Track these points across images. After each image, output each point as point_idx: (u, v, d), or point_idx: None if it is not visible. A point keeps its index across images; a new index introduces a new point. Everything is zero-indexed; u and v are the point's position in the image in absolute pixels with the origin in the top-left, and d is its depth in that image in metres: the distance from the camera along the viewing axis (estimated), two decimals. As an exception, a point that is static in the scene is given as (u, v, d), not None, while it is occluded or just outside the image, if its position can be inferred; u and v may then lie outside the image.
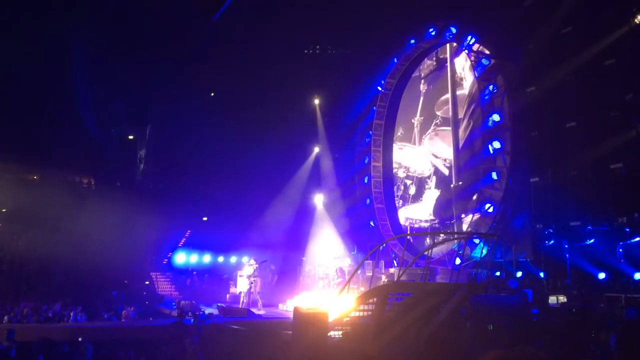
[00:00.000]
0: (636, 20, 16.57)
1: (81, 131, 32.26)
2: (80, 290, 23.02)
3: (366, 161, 28.03)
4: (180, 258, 30.14)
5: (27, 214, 27.07)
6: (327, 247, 26.57)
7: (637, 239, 15.68)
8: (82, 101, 31.48)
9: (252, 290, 21.87)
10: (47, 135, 30.20)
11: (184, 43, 29.41)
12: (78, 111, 31.66)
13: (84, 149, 32.68)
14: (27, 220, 27.47)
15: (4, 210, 28.96)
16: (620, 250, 15.78)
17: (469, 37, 21.86)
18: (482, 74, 21.14)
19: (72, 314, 19.46)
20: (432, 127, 25.91)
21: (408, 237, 22.19)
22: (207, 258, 30.31)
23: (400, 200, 27.33)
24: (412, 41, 25.50)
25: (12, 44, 27.12)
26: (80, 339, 11.93)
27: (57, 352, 10.94)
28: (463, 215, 22.86)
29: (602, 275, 16.40)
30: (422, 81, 26.93)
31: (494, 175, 20.21)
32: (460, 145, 23.76)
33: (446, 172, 24.73)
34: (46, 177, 31.97)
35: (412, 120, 27.20)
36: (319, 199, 29.64)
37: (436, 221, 24.87)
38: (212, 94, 33.68)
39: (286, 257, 27.59)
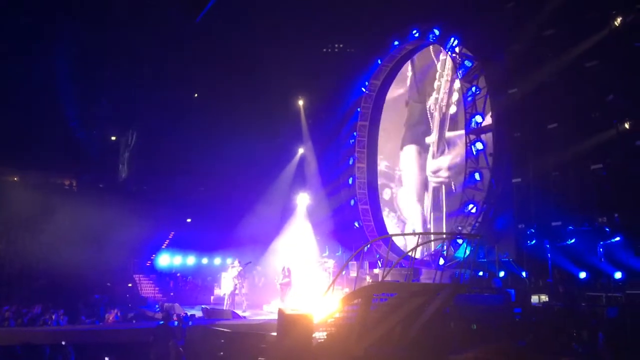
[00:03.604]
0: (616, 23, 16.80)
1: (63, 132, 31.98)
2: (62, 293, 22.78)
3: (350, 162, 28.08)
4: (164, 260, 29.95)
5: (8, 215, 26.76)
6: (308, 248, 26.52)
7: (617, 238, 15.90)
8: (64, 102, 31.20)
9: (236, 292, 21.79)
10: (28, 135, 29.86)
11: (167, 44, 29.27)
12: (60, 112, 31.37)
13: (65, 150, 32.36)
14: (8, 222, 27.16)
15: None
16: (601, 249, 15.99)
17: (452, 39, 22.01)
18: (465, 75, 21.30)
19: (53, 317, 19.26)
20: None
21: (392, 237, 22.25)
22: (191, 260, 30.16)
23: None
24: (396, 42, 25.59)
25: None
26: (63, 343, 11.84)
27: (40, 356, 10.83)
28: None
29: (583, 275, 16.62)
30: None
31: (477, 176, 20.37)
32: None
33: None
34: (27, 178, 31.63)
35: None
36: (302, 200, 29.58)
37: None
38: (196, 95, 33.57)
39: (271, 258, 27.54)
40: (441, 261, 19.21)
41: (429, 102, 25.12)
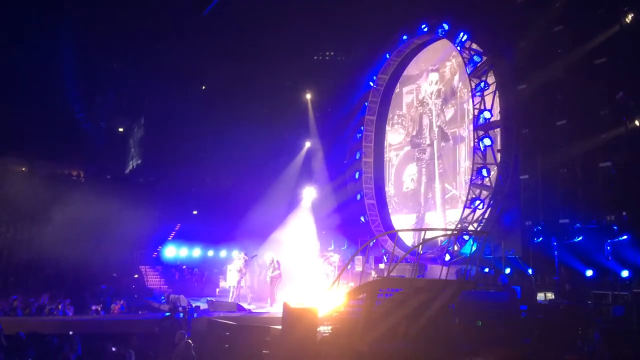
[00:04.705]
0: (627, 20, 16.66)
1: (71, 123, 32.12)
2: (69, 283, 22.93)
3: (357, 157, 28.02)
4: (170, 252, 30.05)
5: (15, 205, 26.93)
6: (307, 242, 26.49)
7: (625, 237, 15.81)
8: (72, 93, 31.31)
9: (242, 284, 21.84)
10: (36, 127, 30.03)
11: (175, 36, 29.31)
12: (68, 103, 31.49)
13: (73, 141, 32.54)
14: (15, 212, 27.34)
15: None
16: (608, 248, 15.89)
17: (461, 34, 21.87)
18: (474, 71, 21.19)
19: (60, 306, 19.40)
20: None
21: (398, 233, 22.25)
22: (196, 252, 30.23)
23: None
24: (405, 37, 25.47)
25: (1, 35, 26.93)
26: (71, 333, 11.92)
27: (47, 346, 10.91)
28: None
29: (589, 273, 16.53)
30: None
31: (484, 172, 20.29)
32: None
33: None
34: (35, 168, 31.79)
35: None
36: (308, 194, 29.57)
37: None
38: (204, 88, 33.59)
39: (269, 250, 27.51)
40: (447, 257, 19.16)
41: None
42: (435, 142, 24.86)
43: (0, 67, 27.63)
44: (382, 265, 22.24)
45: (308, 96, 30.75)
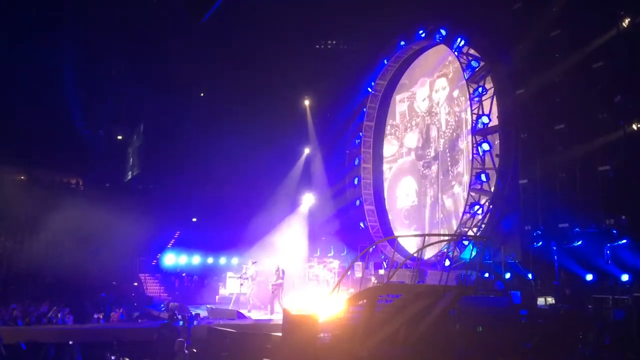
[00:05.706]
0: (624, 24, 16.71)
1: (70, 131, 32.10)
2: (68, 291, 22.85)
3: (356, 162, 28.05)
4: (169, 259, 29.93)
5: (15, 214, 26.89)
6: (298, 248, 26.39)
7: (624, 241, 15.81)
8: (71, 101, 31.31)
9: (241, 291, 21.76)
10: (35, 135, 29.99)
11: (174, 43, 29.33)
12: (66, 111, 31.48)
13: (72, 149, 32.49)
14: (15, 220, 27.30)
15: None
16: (608, 252, 15.91)
17: (459, 39, 21.95)
18: (472, 76, 21.23)
19: (59, 315, 19.34)
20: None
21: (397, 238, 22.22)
22: (196, 259, 30.11)
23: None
24: (402, 43, 25.54)
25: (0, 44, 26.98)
26: (70, 342, 11.89)
27: (46, 355, 10.89)
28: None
29: (589, 277, 16.53)
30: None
31: (483, 177, 20.29)
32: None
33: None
34: (34, 177, 31.75)
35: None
36: (307, 200, 29.54)
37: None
38: (202, 95, 33.60)
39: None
40: (447, 262, 19.15)
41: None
42: (441, 154, 24.79)
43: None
44: (382, 271, 22.18)
45: (306, 102, 30.78)
